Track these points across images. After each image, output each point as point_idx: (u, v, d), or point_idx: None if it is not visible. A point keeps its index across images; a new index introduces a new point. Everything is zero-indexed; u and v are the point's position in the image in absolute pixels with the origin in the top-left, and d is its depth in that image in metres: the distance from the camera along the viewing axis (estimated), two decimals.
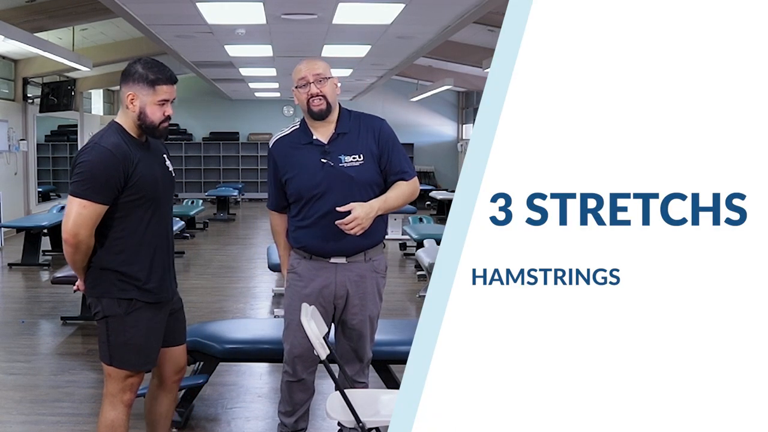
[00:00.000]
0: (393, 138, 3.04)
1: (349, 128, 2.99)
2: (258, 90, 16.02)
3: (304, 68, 2.96)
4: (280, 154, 3.02)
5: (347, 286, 2.99)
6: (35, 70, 11.67)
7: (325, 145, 2.96)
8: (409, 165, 3.04)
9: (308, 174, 2.94)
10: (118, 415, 2.72)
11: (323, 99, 2.92)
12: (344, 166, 2.93)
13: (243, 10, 7.07)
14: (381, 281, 3.09)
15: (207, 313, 6.12)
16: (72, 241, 2.57)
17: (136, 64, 2.65)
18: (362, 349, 3.09)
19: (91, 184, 2.54)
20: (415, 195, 3.04)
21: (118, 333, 2.66)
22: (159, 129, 2.66)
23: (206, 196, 15.61)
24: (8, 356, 5.01)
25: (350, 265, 2.99)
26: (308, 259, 3.02)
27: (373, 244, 3.02)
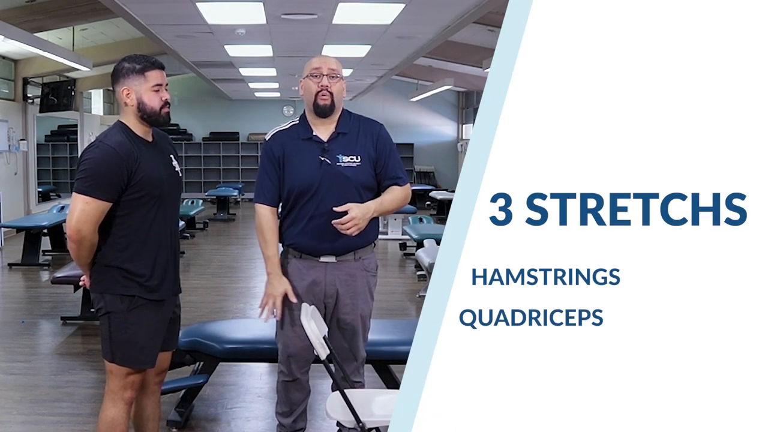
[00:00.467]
0: (390, 143, 3.05)
1: (349, 129, 3.00)
2: (258, 90, 16.02)
3: (319, 61, 2.98)
4: (278, 147, 3.01)
5: (337, 285, 2.99)
6: (35, 70, 11.67)
7: (325, 143, 2.96)
8: (403, 171, 3.05)
9: (305, 170, 2.93)
10: (118, 413, 2.73)
11: (330, 95, 2.93)
12: (341, 166, 2.93)
13: (243, 10, 7.07)
14: (372, 280, 3.08)
15: (207, 313, 6.12)
16: (76, 237, 2.59)
17: (121, 62, 2.71)
18: (356, 348, 3.09)
19: (95, 181, 2.57)
20: (407, 201, 3.06)
21: (120, 330, 2.68)
22: (161, 115, 2.70)
23: (206, 196, 15.61)
24: (8, 356, 5.02)
25: (340, 264, 2.99)
26: (298, 258, 3.01)
27: (365, 244, 3.03)
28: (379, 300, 6.74)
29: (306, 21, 7.47)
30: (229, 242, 11.21)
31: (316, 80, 2.94)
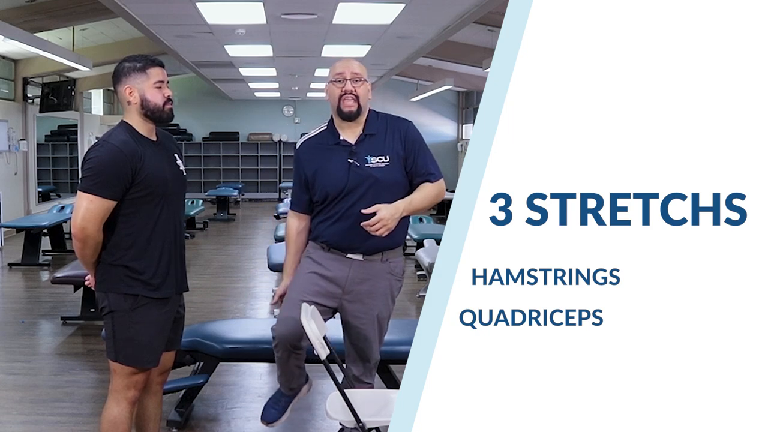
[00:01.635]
0: (419, 140, 3.05)
1: (376, 129, 2.99)
2: (258, 90, 16.02)
3: (342, 66, 2.98)
4: (305, 155, 3.02)
5: (357, 283, 2.96)
6: (35, 70, 11.67)
7: (352, 146, 2.96)
8: (435, 167, 3.03)
9: (334, 174, 2.93)
10: (121, 412, 2.74)
11: (356, 100, 2.93)
12: (370, 167, 2.92)
13: (243, 10, 7.07)
14: (395, 284, 3.05)
15: (207, 313, 6.12)
16: (80, 235, 2.61)
17: (122, 62, 2.73)
18: (369, 350, 3.05)
19: (99, 180, 2.59)
20: (441, 196, 3.02)
21: (124, 329, 2.68)
22: (164, 111, 2.71)
23: (206, 196, 15.60)
24: (8, 356, 5.01)
25: (365, 263, 2.96)
26: (326, 251, 3.00)
27: (393, 246, 3.01)
28: None
29: (306, 21, 7.47)
30: (229, 242, 11.21)
31: (340, 85, 2.93)
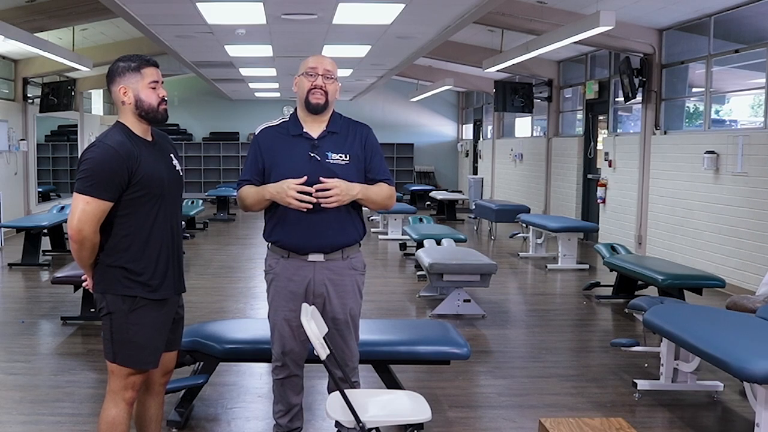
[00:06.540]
0: (378, 146, 3.12)
1: (339, 129, 3.05)
2: (258, 90, 16.04)
3: (315, 61, 3.03)
4: (266, 142, 3.05)
5: (326, 284, 3.02)
6: (35, 70, 11.69)
7: (315, 140, 3.00)
8: (389, 175, 3.11)
9: (294, 164, 2.96)
10: (119, 413, 2.73)
11: (324, 95, 2.98)
12: (330, 162, 2.97)
13: (243, 10, 7.08)
14: (360, 278, 3.12)
15: (207, 313, 6.11)
16: (77, 237, 2.59)
17: (116, 62, 2.73)
18: (351, 347, 3.11)
19: (95, 181, 2.58)
20: (392, 201, 3.09)
21: (122, 330, 2.68)
22: (159, 111, 2.72)
23: (206, 196, 15.61)
24: (8, 356, 5.01)
25: (328, 263, 3.02)
26: (286, 258, 3.04)
27: (351, 242, 3.06)
28: (379, 300, 6.76)
29: (306, 21, 7.48)
30: (229, 242, 11.20)
31: (311, 79, 2.99)
